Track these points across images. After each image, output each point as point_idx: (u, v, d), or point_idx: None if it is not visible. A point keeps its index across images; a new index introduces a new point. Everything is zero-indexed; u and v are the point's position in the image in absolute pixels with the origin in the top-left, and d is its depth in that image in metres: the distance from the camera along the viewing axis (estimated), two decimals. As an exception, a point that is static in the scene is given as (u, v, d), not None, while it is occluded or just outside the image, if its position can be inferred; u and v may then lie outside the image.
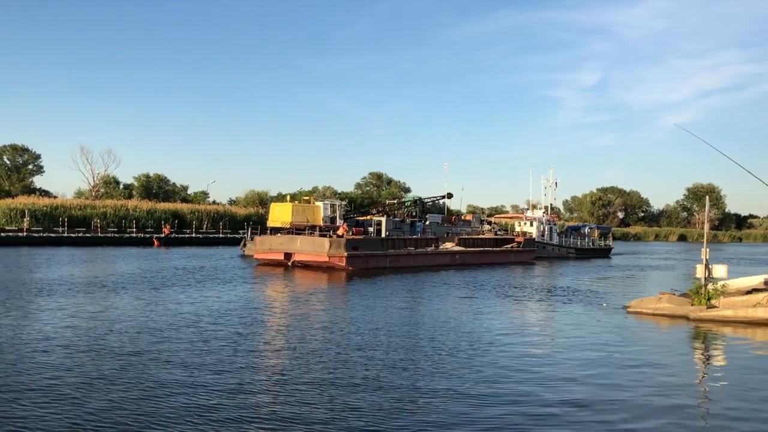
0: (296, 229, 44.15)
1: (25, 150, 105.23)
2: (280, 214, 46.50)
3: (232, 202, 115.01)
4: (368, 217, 52.58)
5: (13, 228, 66.53)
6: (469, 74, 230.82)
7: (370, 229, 49.13)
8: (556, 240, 69.02)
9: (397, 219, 52.70)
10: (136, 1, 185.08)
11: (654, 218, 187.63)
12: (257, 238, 46.99)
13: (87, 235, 68.29)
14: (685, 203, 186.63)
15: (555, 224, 71.06)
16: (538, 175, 74.39)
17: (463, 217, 65.26)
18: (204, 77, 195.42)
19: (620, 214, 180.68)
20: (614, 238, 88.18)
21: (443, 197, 64.53)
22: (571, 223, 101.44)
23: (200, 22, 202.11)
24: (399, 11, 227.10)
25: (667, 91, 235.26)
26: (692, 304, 23.87)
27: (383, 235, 48.52)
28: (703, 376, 15.04)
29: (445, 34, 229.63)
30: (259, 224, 66.00)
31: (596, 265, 57.31)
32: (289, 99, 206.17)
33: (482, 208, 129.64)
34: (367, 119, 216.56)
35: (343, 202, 57.55)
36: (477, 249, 53.65)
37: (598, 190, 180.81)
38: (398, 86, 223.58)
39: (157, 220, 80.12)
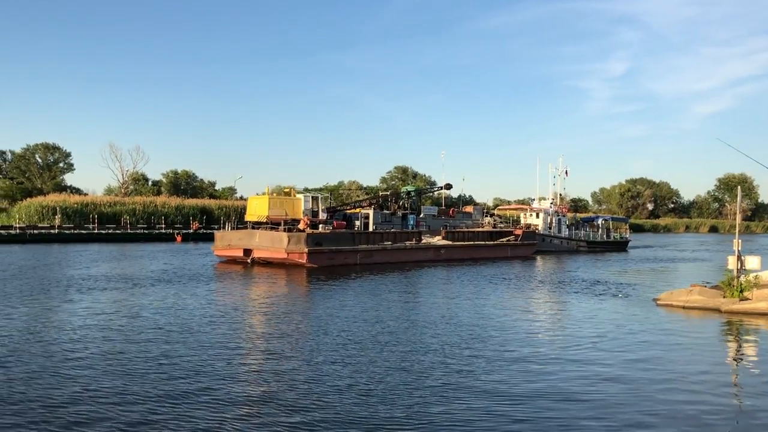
0: (272, 224, 40.81)
1: (56, 148, 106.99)
2: (257, 208, 42.80)
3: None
4: (357, 210, 49.25)
5: (46, 225, 67.78)
6: (495, 66, 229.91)
7: (357, 223, 45.67)
8: (565, 232, 65.43)
9: (387, 212, 49.57)
10: (164, 1, 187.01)
11: (684, 209, 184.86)
12: (217, 234, 43.77)
13: (117, 231, 69.37)
14: (716, 194, 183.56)
15: (564, 216, 67.17)
16: (556, 166, 70.76)
17: (463, 209, 61.72)
18: (231, 74, 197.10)
19: (650, 206, 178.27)
20: (644, 230, 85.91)
21: (440, 188, 62.17)
22: (585, 215, 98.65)
23: (226, 19, 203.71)
24: (424, 3, 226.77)
25: (698, 80, 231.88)
26: (724, 297, 23.37)
27: (371, 228, 45.39)
28: (736, 370, 14.69)
29: (471, 25, 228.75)
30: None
31: (610, 259, 54.12)
32: (315, 94, 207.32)
33: (509, 201, 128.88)
34: (393, 113, 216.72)
35: (325, 195, 52.70)
36: (466, 243, 49.82)
37: (627, 181, 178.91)
38: (424, 79, 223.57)
39: (186, 216, 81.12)
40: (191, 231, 72.84)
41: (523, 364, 14.22)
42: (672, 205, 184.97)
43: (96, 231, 67.32)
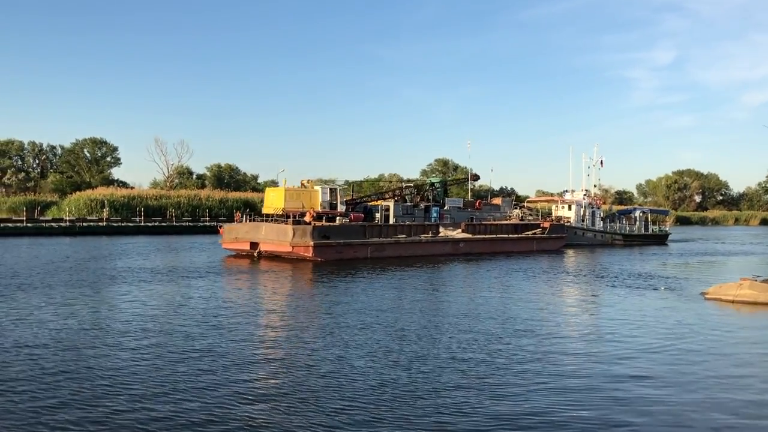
0: (284, 216, 39.56)
1: (103, 143, 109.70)
2: (273, 200, 41.71)
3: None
4: (378, 202, 47.93)
5: (94, 218, 69.53)
6: (537, 56, 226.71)
7: (377, 215, 44.80)
8: (599, 225, 62.83)
9: (409, 204, 48.06)
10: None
11: (734, 201, 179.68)
12: (225, 227, 43.25)
13: (163, 224, 70.74)
14: (767, 185, 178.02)
15: (599, 208, 64.51)
16: (590, 156, 68.43)
17: (491, 201, 59.84)
18: (272, 69, 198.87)
19: (697, 198, 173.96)
20: (691, 223, 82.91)
21: (466, 179, 60.06)
22: (622, 207, 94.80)
23: (263, 11, 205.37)
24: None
25: (749, 68, 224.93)
26: (776, 291, 22.74)
27: (392, 221, 44.27)
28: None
29: (512, 15, 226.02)
30: None
31: (647, 252, 51.69)
32: (356, 88, 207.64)
33: (551, 193, 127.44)
34: (433, 105, 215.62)
35: (344, 187, 50.93)
36: (488, 236, 47.88)
37: (673, 173, 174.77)
38: (464, 71, 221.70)
39: (229, 208, 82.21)
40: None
41: (576, 360, 14.05)
42: (721, 197, 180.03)
43: (142, 224, 68.85)
